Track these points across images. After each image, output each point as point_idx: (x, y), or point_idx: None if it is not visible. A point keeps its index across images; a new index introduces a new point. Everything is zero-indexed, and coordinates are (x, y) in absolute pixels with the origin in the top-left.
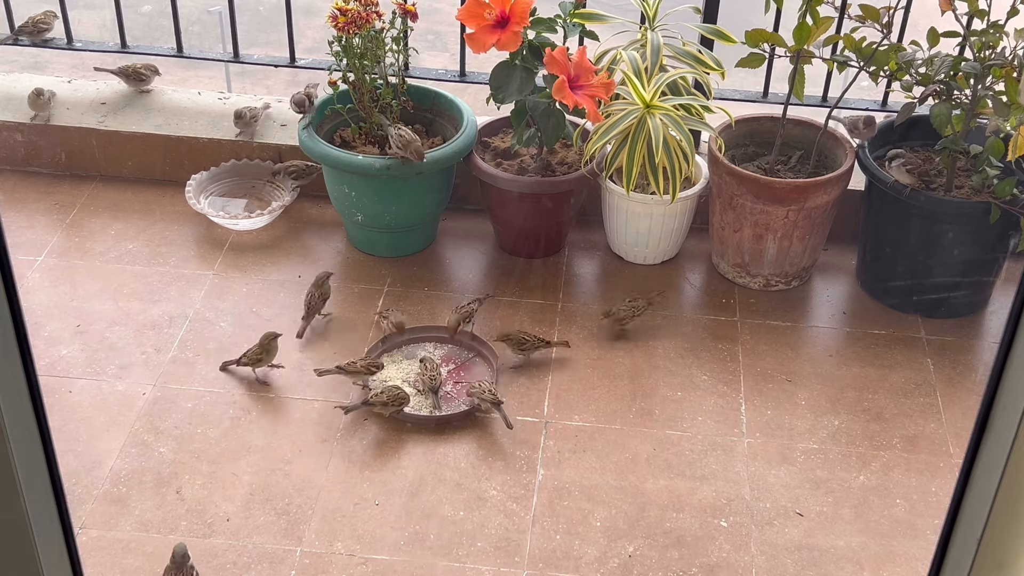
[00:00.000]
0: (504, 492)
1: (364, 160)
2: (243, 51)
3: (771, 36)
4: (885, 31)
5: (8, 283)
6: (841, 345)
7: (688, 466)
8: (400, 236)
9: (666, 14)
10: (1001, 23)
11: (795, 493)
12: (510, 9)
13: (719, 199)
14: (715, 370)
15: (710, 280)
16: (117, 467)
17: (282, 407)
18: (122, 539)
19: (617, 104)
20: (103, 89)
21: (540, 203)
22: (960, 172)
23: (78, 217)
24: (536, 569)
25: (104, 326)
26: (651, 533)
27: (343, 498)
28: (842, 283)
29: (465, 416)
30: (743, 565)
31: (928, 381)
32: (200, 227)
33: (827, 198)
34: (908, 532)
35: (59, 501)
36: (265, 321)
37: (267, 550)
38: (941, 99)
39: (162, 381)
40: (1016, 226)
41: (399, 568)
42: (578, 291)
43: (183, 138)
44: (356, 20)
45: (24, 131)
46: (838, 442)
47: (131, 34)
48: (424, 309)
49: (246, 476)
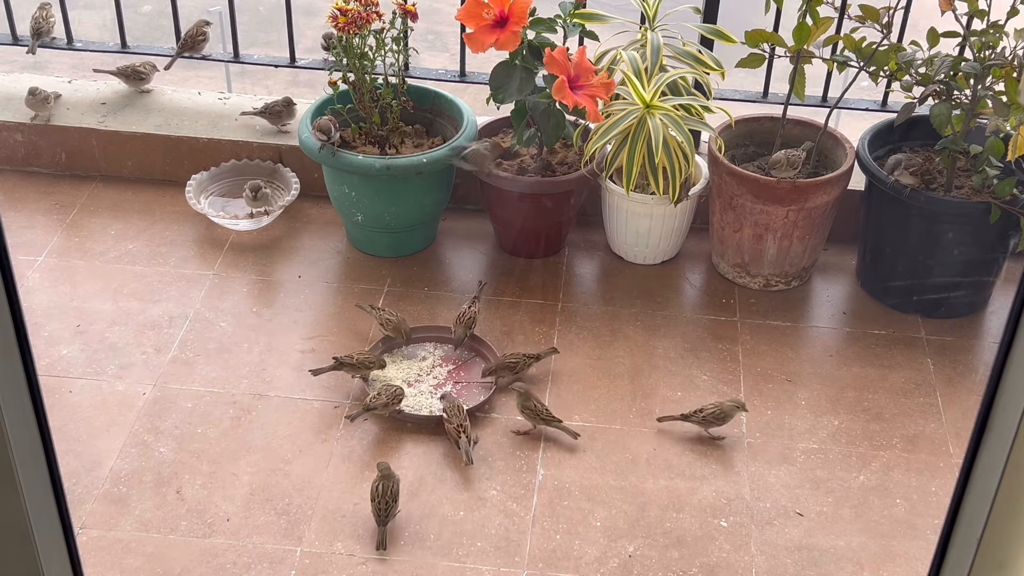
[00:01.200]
0: (504, 492)
1: (364, 160)
2: (243, 51)
3: (771, 36)
4: (885, 31)
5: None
6: (841, 345)
7: (688, 466)
8: (400, 236)
9: (666, 14)
10: (1001, 23)
11: (795, 493)
12: (509, 9)
13: (719, 199)
14: (715, 370)
15: (710, 280)
16: (117, 467)
17: (282, 407)
18: (122, 539)
19: (617, 104)
20: (103, 89)
21: (540, 203)
22: (960, 172)
23: (78, 217)
24: (536, 569)
25: (104, 326)
26: (651, 533)
27: (343, 498)
28: (842, 283)
29: (473, 412)
30: (743, 565)
31: (928, 381)
32: (200, 227)
33: (827, 198)
34: (908, 532)
35: (59, 501)
36: (265, 321)
37: (267, 550)
38: (941, 99)
39: (162, 381)
40: (1016, 226)
41: (399, 568)
42: (578, 291)
43: (183, 138)
44: (356, 20)
45: (24, 131)
46: (838, 442)
47: (131, 34)
48: (424, 309)
49: (246, 476)
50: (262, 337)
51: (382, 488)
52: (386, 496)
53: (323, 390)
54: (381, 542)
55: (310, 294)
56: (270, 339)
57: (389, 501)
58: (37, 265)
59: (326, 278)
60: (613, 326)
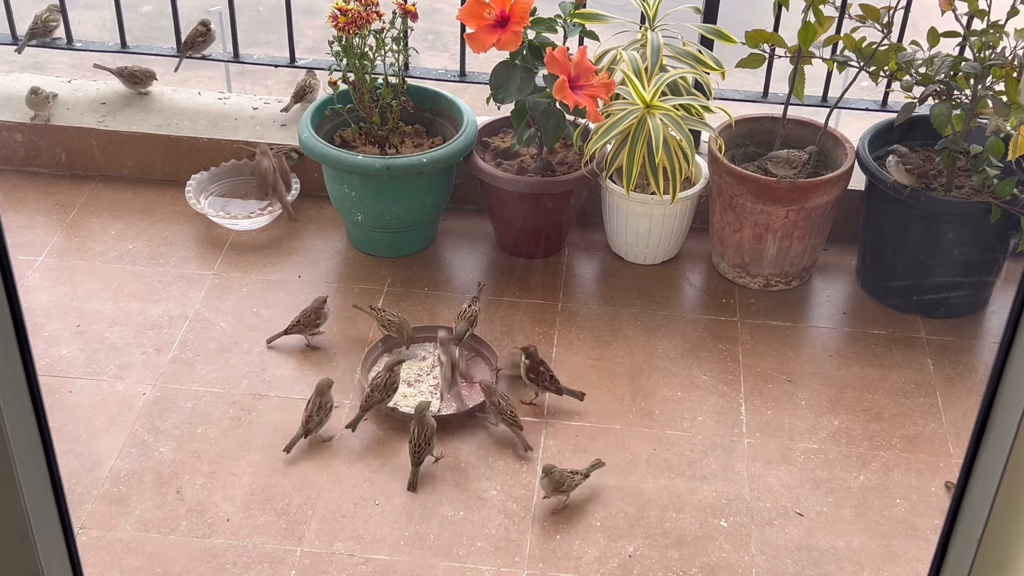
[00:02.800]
0: (504, 492)
1: (364, 160)
2: (243, 51)
3: (771, 36)
4: (885, 31)
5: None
6: (841, 345)
7: (688, 466)
8: (400, 236)
9: (666, 14)
10: (1001, 23)
11: (795, 493)
12: (510, 9)
13: (719, 199)
14: (715, 370)
15: (710, 280)
16: (117, 467)
17: (282, 407)
18: (122, 539)
19: (617, 104)
20: (103, 89)
21: (540, 203)
22: (960, 172)
23: (78, 217)
24: (536, 569)
25: (104, 326)
26: (651, 533)
27: (343, 498)
28: (842, 283)
29: (465, 416)
30: (743, 565)
31: (928, 381)
32: (200, 227)
33: (827, 198)
34: (908, 532)
35: (59, 501)
36: (265, 321)
37: (267, 550)
38: (941, 99)
39: (162, 381)
40: (1016, 226)
41: (399, 568)
42: (578, 291)
43: (183, 138)
44: (356, 20)
45: (24, 131)
46: (838, 442)
47: (131, 34)
48: (424, 309)
49: (246, 476)
50: (262, 337)
51: (417, 431)
52: (420, 440)
53: None
54: (412, 483)
55: (310, 294)
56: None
57: (423, 444)
58: (37, 265)
59: (326, 278)
60: (613, 326)
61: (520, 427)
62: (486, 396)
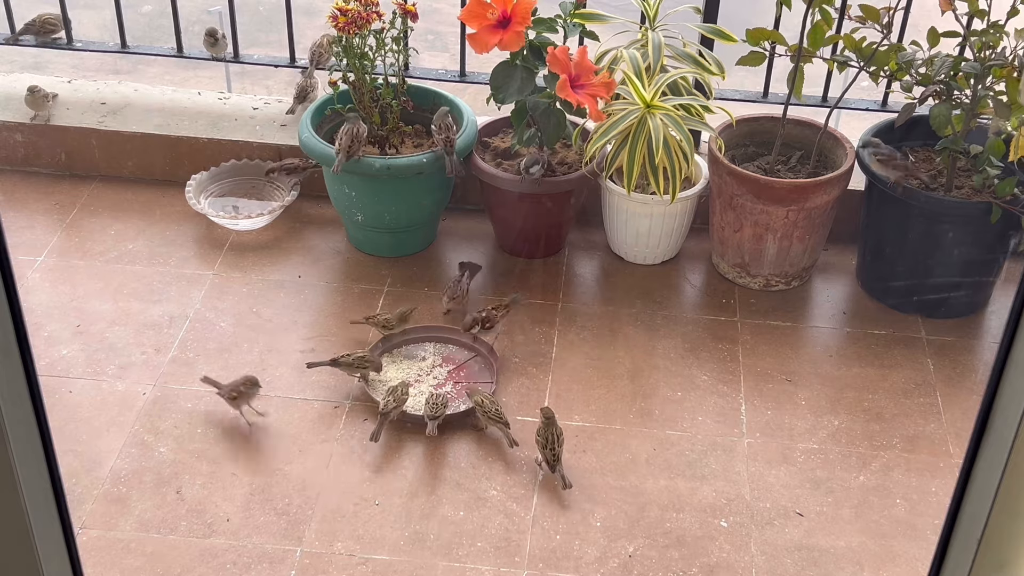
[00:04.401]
0: (504, 492)
1: (364, 160)
2: (243, 51)
3: (772, 34)
4: (885, 31)
5: (8, 283)
6: (841, 345)
7: (688, 466)
8: (400, 236)
9: (666, 14)
10: (1001, 23)
11: (795, 493)
12: (512, 9)
13: (719, 199)
14: (715, 370)
15: (710, 280)
16: (117, 467)
17: (282, 407)
18: (122, 539)
19: (617, 104)
20: (103, 89)
21: (540, 203)
22: (960, 172)
23: (78, 217)
24: (536, 569)
25: (104, 326)
26: (651, 533)
27: (343, 498)
28: (842, 283)
29: (465, 416)
30: (743, 565)
31: (928, 381)
32: (200, 227)
33: (827, 198)
34: (908, 532)
35: (59, 501)
36: (265, 321)
37: (267, 550)
38: (941, 99)
39: (162, 381)
40: (1016, 226)
41: (399, 568)
42: (578, 291)
43: (183, 138)
44: (356, 20)
45: (24, 131)
46: (838, 442)
47: (131, 34)
48: (424, 309)
49: (246, 476)
50: (262, 337)
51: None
52: (552, 442)
53: (323, 390)
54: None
55: (310, 294)
56: (270, 339)
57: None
58: (37, 265)
59: (326, 278)
60: (613, 326)
61: (506, 424)
62: (469, 397)
